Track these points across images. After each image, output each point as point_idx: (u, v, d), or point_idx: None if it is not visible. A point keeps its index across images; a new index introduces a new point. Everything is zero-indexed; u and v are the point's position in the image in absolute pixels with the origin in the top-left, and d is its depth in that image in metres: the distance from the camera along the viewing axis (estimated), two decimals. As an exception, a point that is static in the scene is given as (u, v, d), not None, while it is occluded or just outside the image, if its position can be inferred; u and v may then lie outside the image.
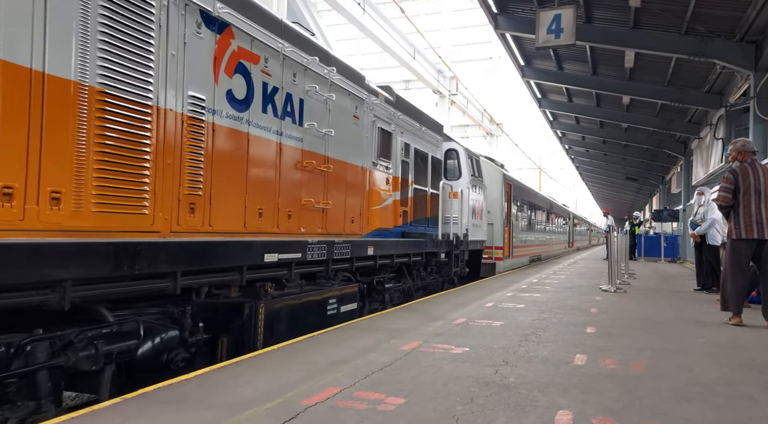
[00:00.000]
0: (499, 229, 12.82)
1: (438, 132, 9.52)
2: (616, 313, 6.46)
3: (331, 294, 5.66)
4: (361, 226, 6.47)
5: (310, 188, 5.37)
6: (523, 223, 16.92)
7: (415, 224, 8.05)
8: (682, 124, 16.81)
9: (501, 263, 12.94)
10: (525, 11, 11.51)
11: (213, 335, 4.29)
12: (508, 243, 13.82)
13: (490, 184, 12.33)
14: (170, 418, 2.65)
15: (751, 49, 9.91)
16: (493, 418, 2.66)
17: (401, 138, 7.65)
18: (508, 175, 14.39)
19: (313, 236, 5.32)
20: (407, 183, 7.80)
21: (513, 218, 14.71)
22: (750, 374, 3.66)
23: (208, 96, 4.01)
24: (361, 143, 6.47)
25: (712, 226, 8.96)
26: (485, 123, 30.58)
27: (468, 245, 9.97)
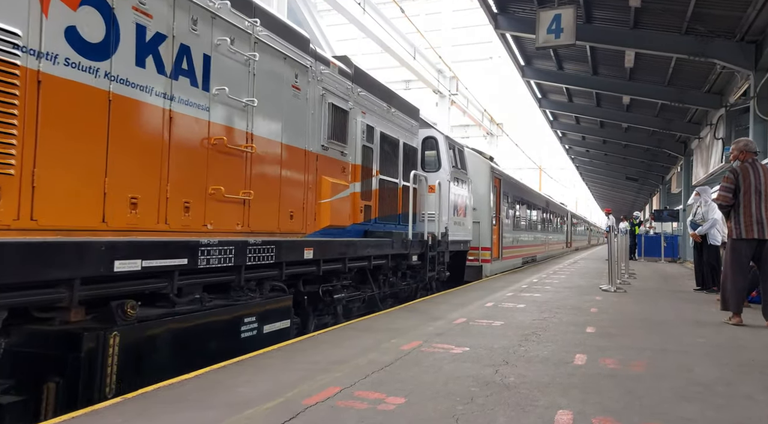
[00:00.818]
0: (486, 227, 11.62)
1: (413, 116, 8.36)
2: (616, 313, 6.46)
3: (246, 312, 4.31)
4: (304, 222, 5.33)
5: (223, 173, 4.23)
6: (514, 221, 15.54)
7: (382, 221, 7.05)
8: (682, 124, 16.81)
9: (489, 266, 11.71)
10: (525, 11, 11.51)
11: (40, 378, 3.04)
12: (497, 243, 12.55)
13: (476, 178, 11.16)
14: (171, 417, 2.65)
15: (751, 49, 9.91)
16: (493, 418, 2.67)
17: (362, 119, 6.55)
18: (496, 169, 13.17)
19: (225, 234, 4.20)
20: (370, 173, 6.73)
21: (503, 215, 13.48)
22: (750, 374, 3.66)
23: (27, 31, 2.87)
24: (303, 121, 5.35)
25: (713, 226, 8.96)
26: (485, 123, 30.58)
27: (449, 246, 8.86)
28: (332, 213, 5.74)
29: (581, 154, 27.31)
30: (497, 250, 12.52)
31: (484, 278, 11.31)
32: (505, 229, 13.73)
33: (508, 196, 14.36)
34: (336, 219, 5.83)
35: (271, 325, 4.60)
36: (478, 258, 11.39)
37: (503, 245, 13.23)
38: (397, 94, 7.91)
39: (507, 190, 14.09)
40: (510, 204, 14.72)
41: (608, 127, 19.55)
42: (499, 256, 12.77)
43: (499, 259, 12.69)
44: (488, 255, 11.63)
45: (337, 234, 5.89)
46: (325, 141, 5.74)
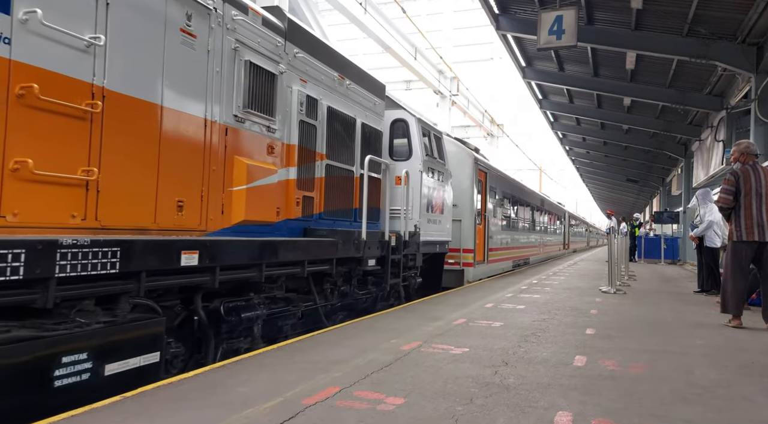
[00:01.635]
0: (468, 227, 10.33)
1: (377, 93, 7.17)
2: (616, 314, 6.46)
3: (66, 347, 2.83)
4: (203, 216, 4.08)
5: (40, 139, 3.00)
6: (504, 220, 14.02)
7: (331, 216, 5.90)
8: (683, 126, 16.82)
9: (471, 270, 10.38)
10: (526, 12, 11.52)
11: None
12: (483, 245, 11.30)
13: (457, 170, 9.94)
14: (170, 416, 2.65)
15: (752, 52, 9.91)
16: (492, 419, 2.66)
17: (300, 88, 5.31)
18: (482, 161, 11.77)
19: (43, 229, 3.02)
20: (313, 156, 5.52)
21: (490, 214, 12.05)
22: (750, 376, 3.66)
23: None
24: (202, 80, 4.09)
25: (709, 228, 8.96)
26: (486, 124, 30.59)
27: (420, 247, 7.64)
28: (250, 205, 4.46)
29: (582, 155, 27.32)
30: (482, 252, 11.31)
31: (466, 284, 10.02)
32: (493, 229, 12.38)
33: (497, 193, 13.02)
34: (256, 213, 4.56)
35: (122, 362, 3.14)
36: (459, 261, 10.11)
37: (490, 246, 11.92)
38: (354, 64, 6.67)
39: (495, 186, 12.80)
40: (499, 201, 13.33)
41: (609, 128, 19.56)
42: (485, 259, 11.49)
43: (484, 262, 11.42)
44: (471, 258, 10.31)
45: (260, 232, 4.66)
46: (239, 110, 4.47)
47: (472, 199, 10.53)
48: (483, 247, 11.35)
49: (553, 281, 11.20)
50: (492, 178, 12.48)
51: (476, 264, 10.60)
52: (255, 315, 4.54)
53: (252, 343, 4.57)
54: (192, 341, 4.11)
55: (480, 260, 11.01)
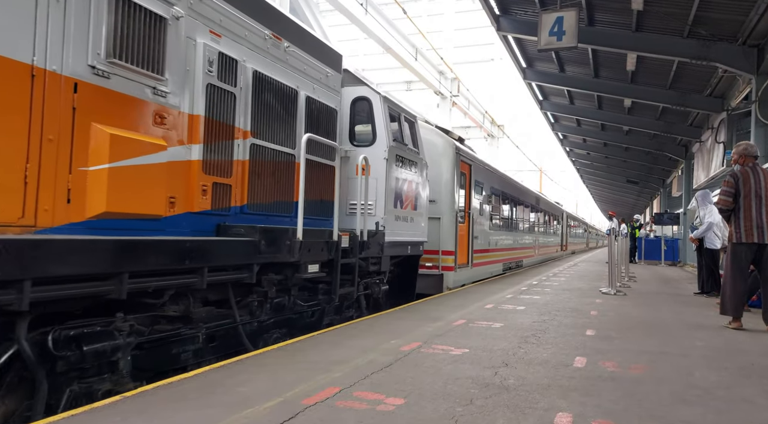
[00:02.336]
0: (449, 226, 9.15)
1: (330, 63, 5.95)
2: (616, 316, 6.46)
3: None
4: (27, 205, 2.91)
5: None
6: (492, 219, 12.63)
7: (261, 210, 4.73)
8: (684, 127, 16.82)
9: (452, 275, 9.19)
10: (527, 13, 11.52)
11: None
12: (466, 246, 10.25)
13: (436, 162, 8.89)
14: (170, 416, 2.65)
15: (753, 53, 9.91)
16: (492, 420, 2.66)
17: (210, 43, 4.16)
18: (465, 152, 10.46)
19: None
20: (230, 133, 4.35)
21: (475, 211, 10.86)
22: (750, 377, 3.66)
23: None
24: (23, 11, 2.88)
25: (709, 229, 8.96)
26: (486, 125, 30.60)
27: (386, 249, 6.41)
28: (117, 191, 3.31)
29: (582, 156, 27.32)
30: (465, 254, 10.21)
31: (446, 291, 8.88)
32: (479, 228, 11.20)
33: (483, 189, 11.76)
34: (129, 202, 3.42)
35: None
36: (437, 265, 8.96)
37: (475, 248, 10.78)
38: (297, 23, 5.47)
39: (482, 181, 11.56)
40: (486, 198, 11.96)
41: (609, 129, 19.57)
42: (469, 262, 10.38)
43: (468, 265, 10.32)
44: (451, 261, 9.19)
45: (139, 229, 3.50)
46: (99, 60, 3.26)
47: (453, 195, 9.32)
48: (467, 248, 10.27)
49: (553, 282, 11.20)
50: (478, 171, 11.26)
51: (458, 268, 9.46)
52: (110, 346, 3.25)
53: (118, 383, 3.34)
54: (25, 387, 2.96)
55: (463, 263, 9.93)
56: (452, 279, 9.25)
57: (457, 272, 9.50)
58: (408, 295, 7.77)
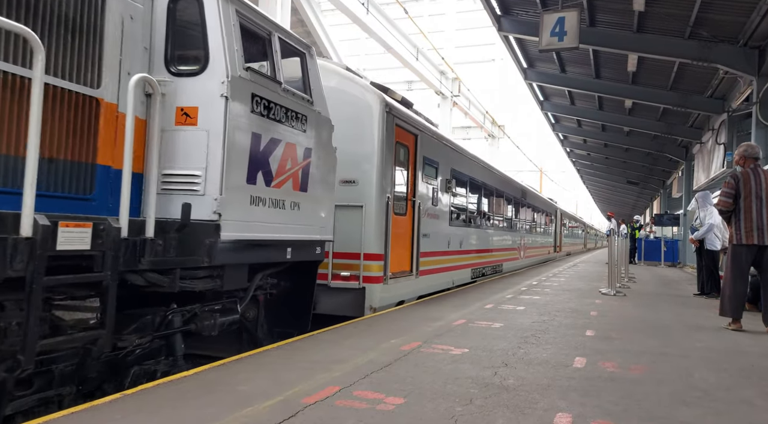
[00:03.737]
0: (375, 218, 6.46)
1: None
2: (616, 316, 6.46)
3: None
4: None
5: None
6: (455, 212, 9.63)
7: None
8: (684, 128, 16.82)
9: (379, 290, 6.48)
10: (529, 14, 11.51)
11: None
12: (408, 248, 7.48)
13: (353, 123, 6.43)
14: (170, 414, 2.66)
15: (754, 55, 9.91)
16: (492, 420, 2.67)
17: None
18: (405, 115, 7.39)
19: None
20: None
21: (424, 199, 7.96)
22: (749, 379, 3.66)
23: None
24: None
25: (710, 230, 8.97)
26: (487, 125, 30.61)
27: (228, 253, 3.87)
28: None
29: (582, 157, 27.32)
30: (407, 259, 7.44)
31: (370, 313, 6.27)
32: (431, 223, 8.34)
33: (441, 171, 8.80)
34: None
35: None
36: (357, 275, 6.35)
37: (424, 249, 7.93)
38: None
39: (437, 160, 8.62)
40: (445, 184, 9.01)
41: (610, 130, 19.57)
42: (413, 268, 7.57)
43: (411, 274, 7.51)
44: (378, 268, 6.45)
45: None
46: None
47: (382, 174, 6.53)
48: (409, 251, 7.51)
49: (553, 282, 11.20)
50: (430, 146, 8.25)
51: (390, 279, 6.69)
52: None
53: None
54: None
55: (401, 272, 7.16)
56: (379, 295, 6.43)
57: (390, 285, 6.69)
58: (300, 321, 5.14)
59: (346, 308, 6.37)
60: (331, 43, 16.74)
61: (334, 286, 6.35)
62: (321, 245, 5.21)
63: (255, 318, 4.92)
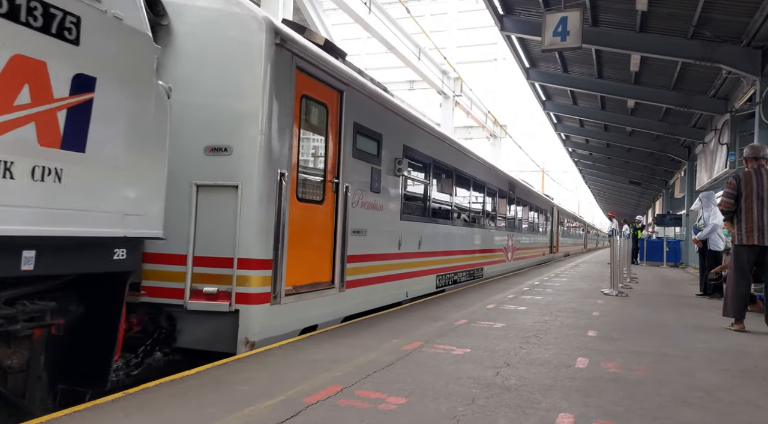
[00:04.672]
0: (258, 204, 4.33)
1: None
2: (618, 317, 6.45)
3: None
4: None
5: None
6: (409, 203, 7.45)
7: None
8: (687, 128, 16.79)
9: (266, 313, 4.37)
10: (531, 13, 11.49)
11: None
12: (329, 249, 5.39)
13: (218, 54, 4.48)
14: (172, 413, 2.66)
15: (757, 55, 9.88)
16: (494, 420, 2.66)
17: None
18: (308, 50, 4.97)
19: None
20: None
21: (357, 183, 5.87)
22: (752, 380, 3.65)
23: None
24: None
25: (713, 231, 8.96)
26: (489, 125, 30.58)
27: None
28: None
29: (585, 157, 27.28)
30: (326, 266, 5.33)
31: (246, 349, 4.18)
32: (369, 215, 6.15)
33: (384, 145, 6.53)
34: None
35: None
36: (229, 292, 4.28)
37: (354, 252, 5.74)
38: None
39: (378, 130, 6.38)
40: (395, 165, 6.83)
41: (612, 130, 19.55)
42: (335, 280, 5.40)
43: (332, 287, 5.35)
44: (262, 282, 4.35)
45: None
46: None
47: (272, 139, 4.43)
48: (329, 253, 5.36)
49: (554, 282, 11.19)
50: (365, 110, 6.07)
51: (288, 295, 4.59)
52: None
53: None
54: None
55: (311, 284, 5.01)
56: (262, 322, 4.31)
57: (286, 305, 4.55)
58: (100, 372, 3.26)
59: (207, 342, 4.33)
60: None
61: (192, 308, 4.26)
62: (131, 246, 3.23)
63: (23, 368, 2.96)
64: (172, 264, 4.38)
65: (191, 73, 4.40)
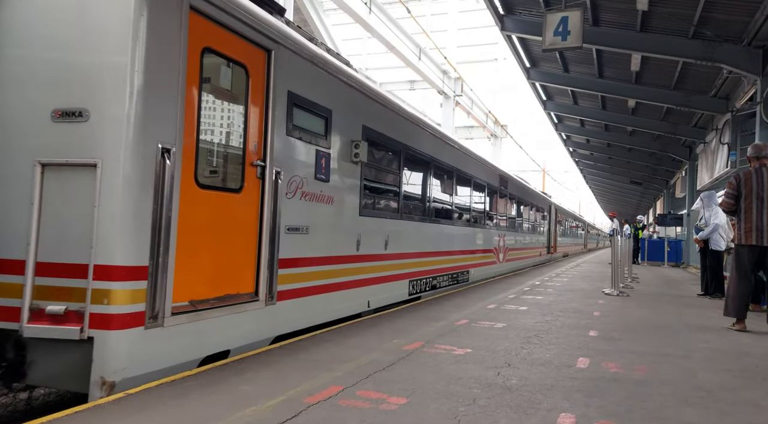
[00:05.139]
0: (124, 185, 3.14)
1: None
2: (619, 316, 6.44)
3: None
4: None
5: None
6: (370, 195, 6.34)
7: None
8: (688, 128, 16.78)
9: (137, 341, 3.14)
10: (531, 13, 11.49)
11: None
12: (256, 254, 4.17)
13: None
14: (173, 413, 2.66)
15: (758, 54, 9.87)
16: (495, 420, 2.66)
17: None
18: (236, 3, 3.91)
19: None
20: None
21: (297, 166, 4.71)
22: (753, 380, 3.64)
23: None
24: None
25: (714, 231, 8.95)
26: (490, 125, 30.57)
27: None
28: None
29: (585, 157, 27.26)
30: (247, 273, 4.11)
31: (103, 394, 2.96)
32: (314, 209, 5.04)
33: (334, 123, 5.37)
34: None
35: None
36: (82, 312, 3.06)
37: (290, 254, 4.58)
38: None
39: (328, 106, 5.26)
40: (352, 149, 5.76)
41: (613, 130, 19.54)
42: (260, 290, 4.17)
43: (256, 300, 4.14)
44: (132, 298, 3.11)
45: None
46: None
47: (143, 99, 3.22)
48: (253, 256, 4.20)
49: (555, 282, 11.18)
50: (307, 78, 4.90)
51: (173, 317, 3.37)
52: None
53: None
54: None
55: (224, 297, 3.85)
56: (127, 355, 3.13)
57: (175, 328, 3.41)
58: None
59: (57, 379, 3.31)
60: (333, 43, 16.75)
61: (31, 334, 3.14)
62: None
63: None
64: (5, 273, 3.22)
65: (31, 15, 3.36)
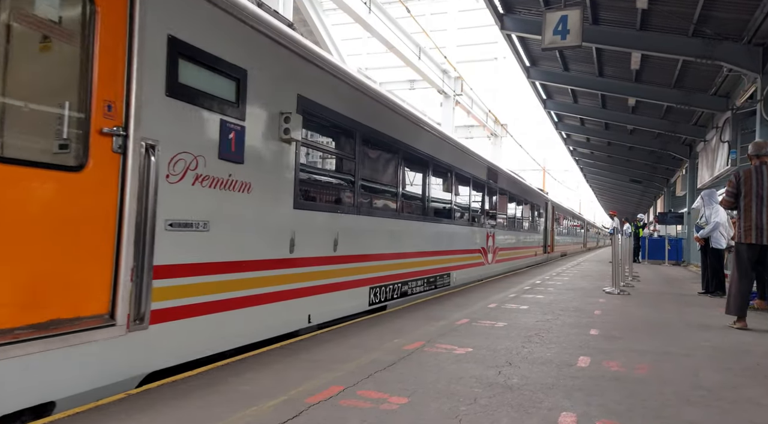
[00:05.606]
0: None
1: None
2: (620, 315, 6.44)
3: None
4: None
5: None
6: (311, 182, 5.11)
7: None
8: (688, 126, 16.77)
9: None
10: (531, 12, 11.49)
11: None
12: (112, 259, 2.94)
13: None
14: (174, 413, 2.66)
15: (758, 52, 9.86)
16: (496, 419, 2.66)
17: None
18: None
19: None
20: None
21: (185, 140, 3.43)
22: (755, 378, 3.64)
23: None
24: None
25: (715, 229, 8.94)
26: (490, 124, 30.56)
27: None
28: None
29: (585, 155, 27.25)
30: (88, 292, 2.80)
31: None
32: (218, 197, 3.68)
33: (249, 87, 4.06)
34: None
35: None
36: None
37: (180, 259, 3.39)
38: None
39: (241, 65, 3.97)
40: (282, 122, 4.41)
41: (613, 129, 19.53)
42: (117, 312, 2.92)
43: (113, 325, 2.89)
44: None
45: None
46: None
47: None
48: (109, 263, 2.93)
49: (556, 281, 11.18)
50: (190, 16, 3.50)
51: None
52: None
53: None
54: None
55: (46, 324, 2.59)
56: None
57: None
58: None
59: None
60: (333, 43, 16.74)
61: None
62: None
63: None
64: None
65: None
